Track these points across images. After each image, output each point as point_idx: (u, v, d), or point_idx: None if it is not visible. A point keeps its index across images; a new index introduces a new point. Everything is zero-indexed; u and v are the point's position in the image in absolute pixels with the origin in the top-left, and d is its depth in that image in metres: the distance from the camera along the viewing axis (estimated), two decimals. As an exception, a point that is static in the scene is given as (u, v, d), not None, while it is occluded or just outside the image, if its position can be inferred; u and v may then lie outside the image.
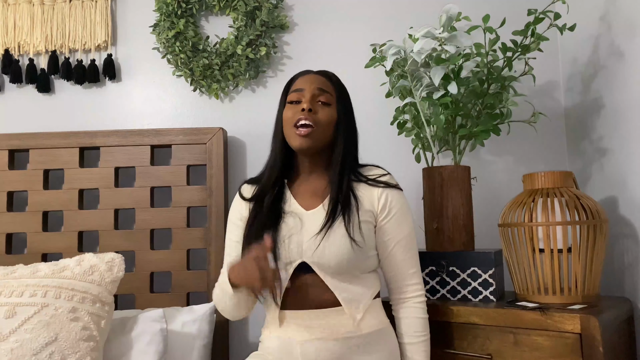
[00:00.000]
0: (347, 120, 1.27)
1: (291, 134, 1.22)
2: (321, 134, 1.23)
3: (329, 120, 1.23)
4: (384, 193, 1.24)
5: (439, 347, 1.34)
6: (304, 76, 1.28)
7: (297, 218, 1.22)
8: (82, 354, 1.29)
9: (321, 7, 1.95)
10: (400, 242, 1.24)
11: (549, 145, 1.82)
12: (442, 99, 1.42)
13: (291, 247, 1.19)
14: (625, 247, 1.47)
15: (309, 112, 1.21)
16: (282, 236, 1.20)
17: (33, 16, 1.96)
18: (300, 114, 1.21)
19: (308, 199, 1.26)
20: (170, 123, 1.95)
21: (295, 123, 1.21)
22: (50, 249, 1.79)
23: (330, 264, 1.17)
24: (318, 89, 1.24)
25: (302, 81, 1.27)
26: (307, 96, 1.23)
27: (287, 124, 1.24)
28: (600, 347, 1.13)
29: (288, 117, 1.23)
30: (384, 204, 1.24)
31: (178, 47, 1.88)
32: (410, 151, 1.72)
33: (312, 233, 1.19)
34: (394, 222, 1.24)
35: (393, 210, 1.24)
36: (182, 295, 1.76)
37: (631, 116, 1.42)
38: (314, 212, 1.23)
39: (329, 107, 1.25)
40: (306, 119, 1.20)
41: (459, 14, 1.42)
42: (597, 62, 1.60)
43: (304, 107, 1.21)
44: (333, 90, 1.27)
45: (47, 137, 1.83)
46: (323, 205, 1.23)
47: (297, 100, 1.24)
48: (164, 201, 1.86)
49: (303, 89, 1.24)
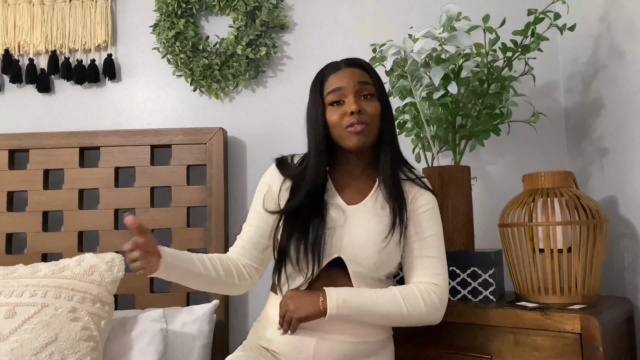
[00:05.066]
0: (388, 108, 1.23)
1: (344, 135, 1.18)
2: (374, 128, 1.19)
3: (376, 112, 1.19)
4: (424, 192, 1.24)
5: (439, 347, 1.34)
6: (339, 72, 1.20)
7: (340, 212, 1.20)
8: (82, 354, 1.29)
9: (321, 7, 1.95)
10: (432, 236, 1.21)
11: (549, 145, 1.82)
12: (442, 99, 1.42)
13: (333, 241, 1.17)
14: (625, 247, 1.47)
15: (359, 114, 1.16)
16: (326, 229, 1.17)
17: (33, 16, 1.96)
18: (350, 117, 1.16)
19: (351, 194, 1.23)
20: (170, 123, 1.95)
21: (347, 126, 1.17)
22: (50, 249, 1.79)
23: (368, 264, 1.16)
24: (359, 84, 1.18)
25: (338, 79, 1.19)
26: (351, 96, 1.17)
27: (335, 127, 1.18)
28: (600, 347, 1.13)
29: (335, 120, 1.18)
30: (419, 198, 1.22)
31: (178, 47, 1.88)
32: (410, 151, 1.72)
33: (355, 230, 1.18)
34: (428, 216, 1.22)
35: (429, 205, 1.22)
36: (182, 295, 1.76)
37: (631, 116, 1.42)
38: (357, 207, 1.21)
39: (372, 98, 1.20)
40: (358, 121, 1.16)
41: (459, 14, 1.42)
42: (597, 62, 1.60)
43: (352, 110, 1.15)
44: (371, 79, 1.21)
45: (47, 137, 1.83)
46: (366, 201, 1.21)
47: (339, 101, 1.19)
48: (164, 201, 1.86)
49: (342, 87, 1.18)
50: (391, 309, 1.14)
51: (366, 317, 1.14)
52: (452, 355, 1.33)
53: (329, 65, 1.25)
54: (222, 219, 1.77)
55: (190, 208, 1.81)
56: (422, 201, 1.22)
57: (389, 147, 1.21)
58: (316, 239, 1.16)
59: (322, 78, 1.23)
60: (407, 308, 1.14)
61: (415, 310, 1.15)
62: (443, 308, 1.18)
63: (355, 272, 1.17)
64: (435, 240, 1.21)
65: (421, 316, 1.16)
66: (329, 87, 1.20)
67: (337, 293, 1.13)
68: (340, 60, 1.24)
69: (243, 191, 1.91)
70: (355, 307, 1.12)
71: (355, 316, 1.13)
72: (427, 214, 1.22)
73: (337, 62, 1.24)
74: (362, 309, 1.12)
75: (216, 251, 1.74)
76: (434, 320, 1.18)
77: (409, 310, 1.14)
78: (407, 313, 1.14)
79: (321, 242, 1.16)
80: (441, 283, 1.19)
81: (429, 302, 1.16)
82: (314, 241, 1.15)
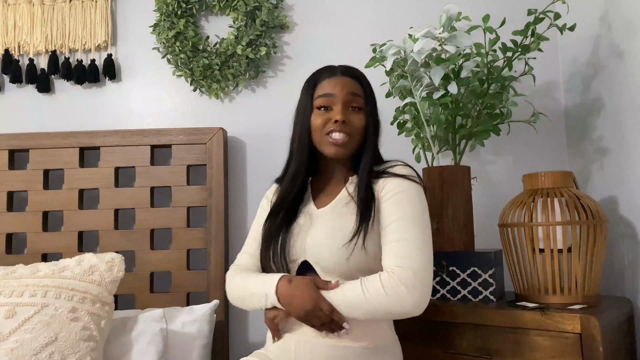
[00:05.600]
0: (375, 123, 1.22)
1: (324, 142, 1.18)
2: (355, 142, 1.20)
3: (362, 126, 1.19)
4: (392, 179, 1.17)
5: (439, 347, 1.34)
6: (333, 78, 1.20)
7: (307, 216, 1.21)
8: (82, 354, 1.29)
9: (321, 7, 1.95)
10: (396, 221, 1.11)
11: (549, 145, 1.82)
12: (442, 99, 1.42)
13: (297, 245, 1.18)
14: (625, 247, 1.47)
15: (343, 124, 1.16)
16: (292, 235, 1.20)
17: (33, 16, 1.96)
18: (334, 125, 1.16)
19: (323, 197, 1.24)
20: (170, 123, 1.95)
21: (328, 132, 1.17)
22: (50, 249, 1.79)
23: (329, 264, 1.13)
24: (350, 94, 1.19)
25: (332, 85, 1.19)
26: (339, 106, 1.17)
27: (317, 131, 1.19)
28: (600, 347, 1.13)
29: (318, 124, 1.18)
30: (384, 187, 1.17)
31: (178, 47, 1.88)
32: (410, 151, 1.72)
33: (317, 231, 1.17)
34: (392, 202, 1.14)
35: (394, 191, 1.15)
36: (182, 295, 1.76)
37: (631, 116, 1.42)
38: (324, 209, 1.21)
39: (360, 111, 1.20)
40: (341, 130, 1.16)
41: (459, 14, 1.41)
42: (597, 62, 1.60)
43: (337, 119, 1.15)
44: (363, 93, 1.21)
45: (47, 137, 1.83)
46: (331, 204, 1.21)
47: (327, 106, 1.19)
48: (164, 201, 1.86)
49: (333, 94, 1.18)
50: (350, 296, 1.06)
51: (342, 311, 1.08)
52: (452, 355, 1.33)
53: (325, 69, 1.24)
54: (222, 219, 1.77)
55: (190, 208, 1.81)
56: (387, 188, 1.16)
57: (370, 158, 1.21)
58: (281, 245, 1.18)
59: (315, 80, 1.23)
60: (366, 294, 1.05)
61: (376, 297, 1.04)
62: (415, 292, 1.04)
63: (324, 272, 1.14)
64: (403, 223, 1.10)
65: (385, 303, 1.04)
66: (320, 90, 1.20)
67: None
68: (337, 66, 1.24)
69: (243, 191, 1.91)
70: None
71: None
72: (393, 199, 1.14)
73: (334, 67, 1.24)
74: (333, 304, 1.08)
75: (216, 251, 1.75)
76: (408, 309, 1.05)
77: (368, 297, 1.05)
78: (367, 299, 1.05)
79: (285, 248, 1.18)
80: (406, 265, 1.05)
81: (388, 287, 1.04)
82: (280, 247, 1.18)
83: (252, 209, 1.89)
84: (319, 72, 1.25)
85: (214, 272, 1.74)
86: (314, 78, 1.24)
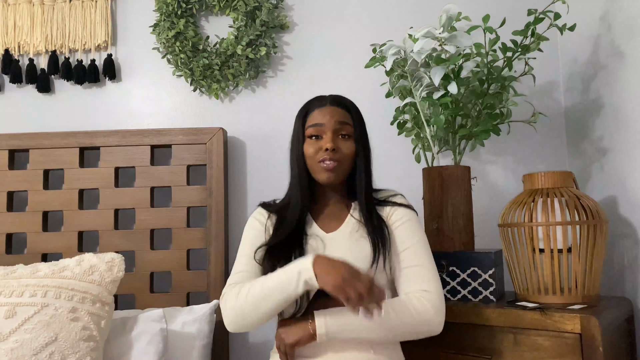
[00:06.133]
0: (365, 148, 1.27)
1: (317, 169, 1.23)
2: (345, 167, 1.25)
3: (350, 153, 1.24)
4: (393, 207, 1.27)
5: (439, 347, 1.34)
6: (322, 109, 1.25)
7: (319, 240, 1.23)
8: (82, 354, 1.29)
9: (321, 7, 1.95)
10: (410, 248, 1.21)
11: (549, 145, 1.82)
12: (442, 99, 1.42)
13: None
14: (625, 247, 1.47)
15: (333, 152, 1.21)
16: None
17: (33, 16, 1.96)
18: (325, 153, 1.21)
19: (327, 222, 1.27)
20: (170, 123, 1.95)
21: (320, 160, 1.22)
22: (50, 249, 1.79)
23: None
24: (339, 123, 1.24)
25: (321, 115, 1.24)
26: (329, 134, 1.22)
27: (310, 158, 1.24)
28: (600, 347, 1.13)
29: (310, 154, 1.24)
30: (392, 214, 1.26)
31: (178, 47, 1.88)
32: (410, 151, 1.72)
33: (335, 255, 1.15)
34: (403, 230, 1.23)
35: (403, 219, 1.25)
36: (182, 295, 1.76)
37: (631, 116, 1.42)
38: (334, 234, 1.25)
39: (349, 139, 1.25)
40: (331, 159, 1.21)
41: (459, 14, 1.42)
42: (597, 62, 1.60)
43: (327, 147, 1.20)
44: (351, 121, 1.26)
45: (47, 137, 1.83)
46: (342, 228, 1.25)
47: (317, 135, 1.24)
48: (164, 201, 1.86)
49: (323, 124, 1.23)
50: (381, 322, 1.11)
51: (357, 333, 1.12)
52: (452, 355, 1.33)
53: (316, 99, 1.30)
54: (222, 219, 1.77)
55: (190, 208, 1.81)
56: (395, 217, 1.25)
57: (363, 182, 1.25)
58: None
59: (307, 110, 1.28)
60: (396, 316, 1.12)
61: (406, 318, 1.12)
62: (440, 314, 1.14)
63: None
64: (418, 250, 1.21)
65: (414, 324, 1.13)
66: (311, 120, 1.26)
67: (325, 313, 1.13)
68: (327, 96, 1.29)
69: (243, 191, 1.91)
70: (343, 323, 1.11)
71: (346, 333, 1.12)
72: (403, 227, 1.24)
73: (324, 97, 1.29)
74: (352, 325, 1.11)
75: (216, 251, 1.75)
76: (432, 328, 1.15)
77: (399, 317, 1.12)
78: (397, 322, 1.12)
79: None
80: (432, 289, 1.16)
81: (420, 309, 1.13)
82: None
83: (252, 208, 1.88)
84: (310, 102, 1.30)
85: (214, 272, 1.74)
86: (305, 108, 1.29)
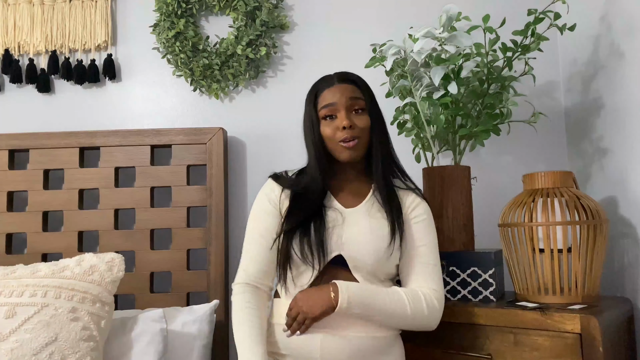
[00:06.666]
0: (379, 120, 1.29)
1: (337, 149, 1.24)
2: (364, 142, 1.26)
3: (367, 125, 1.26)
4: (417, 199, 1.29)
5: (439, 347, 1.34)
6: (331, 88, 1.26)
7: (338, 213, 1.25)
8: (82, 354, 1.29)
9: (321, 7, 1.95)
10: (427, 245, 1.25)
11: (549, 145, 1.82)
12: (442, 99, 1.42)
13: (333, 239, 1.21)
14: (625, 247, 1.47)
15: (350, 129, 1.22)
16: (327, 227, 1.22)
17: (33, 16, 1.96)
18: (342, 132, 1.22)
19: (347, 197, 1.29)
20: (170, 123, 1.95)
21: (341, 140, 1.23)
22: (50, 249, 1.79)
23: (367, 262, 1.20)
24: (350, 99, 1.25)
25: (331, 94, 1.25)
26: (343, 112, 1.23)
27: (329, 140, 1.25)
28: (600, 347, 1.13)
29: (329, 134, 1.24)
30: (415, 208, 1.28)
31: (178, 47, 1.88)
32: (410, 151, 1.72)
33: (353, 229, 1.22)
34: (422, 226, 1.27)
35: (424, 215, 1.28)
36: (182, 295, 1.76)
37: (631, 116, 1.42)
38: (354, 209, 1.26)
39: (363, 112, 1.26)
40: (351, 136, 1.22)
41: (459, 14, 1.41)
42: (597, 62, 1.60)
43: (344, 125, 1.21)
44: (362, 95, 1.27)
45: (47, 137, 1.83)
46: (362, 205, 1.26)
47: (332, 115, 1.25)
48: (164, 201, 1.86)
49: (335, 103, 1.24)
50: (396, 309, 1.17)
51: (373, 313, 1.16)
52: (452, 355, 1.33)
53: (323, 80, 1.30)
54: (222, 219, 1.76)
55: (190, 208, 1.81)
56: (418, 210, 1.28)
57: (381, 157, 1.27)
58: (318, 237, 1.20)
59: (316, 92, 1.29)
60: (411, 309, 1.18)
61: (418, 313, 1.18)
62: (441, 313, 1.23)
63: (356, 268, 1.20)
64: (432, 249, 1.26)
65: (422, 319, 1.19)
66: (322, 101, 1.26)
67: (347, 286, 1.15)
68: (333, 75, 1.30)
69: (243, 191, 1.91)
70: (364, 302, 1.15)
71: (363, 311, 1.15)
72: (424, 224, 1.27)
73: (330, 77, 1.30)
74: (371, 304, 1.15)
75: (216, 251, 1.75)
76: (432, 325, 1.22)
77: (413, 311, 1.18)
78: (410, 314, 1.18)
79: (324, 239, 1.20)
80: (439, 289, 1.24)
81: (431, 306, 1.20)
82: (317, 239, 1.20)
83: (252, 209, 1.89)
84: (317, 83, 1.31)
85: (214, 272, 1.74)
86: (314, 90, 1.30)
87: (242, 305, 1.21)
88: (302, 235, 1.20)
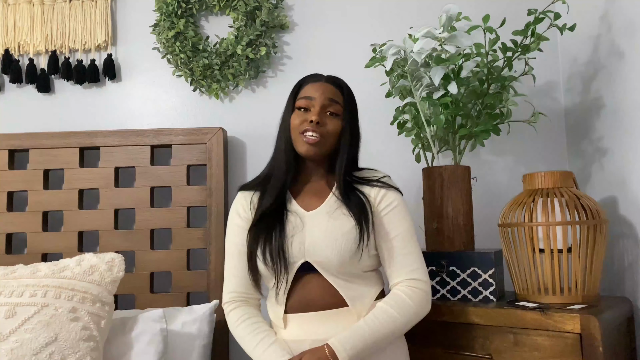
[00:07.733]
0: (351, 129, 1.28)
1: (298, 140, 1.24)
2: (327, 144, 1.25)
3: (335, 131, 1.25)
4: (382, 190, 1.26)
5: (439, 347, 1.34)
6: (316, 83, 1.27)
7: (298, 218, 1.23)
8: (82, 354, 1.29)
9: (321, 7, 1.95)
10: (400, 234, 1.23)
11: (549, 145, 1.82)
12: (442, 99, 1.42)
13: (294, 247, 1.20)
14: (625, 247, 1.47)
15: (317, 125, 1.22)
16: (286, 236, 1.21)
17: (33, 16, 1.96)
18: (308, 125, 1.22)
19: (307, 200, 1.27)
20: (170, 123, 1.95)
21: (303, 131, 1.23)
22: (50, 249, 1.79)
23: (334, 264, 1.18)
24: (329, 100, 1.25)
25: (313, 89, 1.26)
26: (317, 108, 1.24)
27: (294, 130, 1.25)
28: (600, 347, 1.13)
29: (295, 124, 1.25)
30: (381, 199, 1.25)
31: (178, 47, 1.88)
32: (410, 151, 1.72)
33: (314, 233, 1.20)
34: (393, 214, 1.24)
35: (393, 204, 1.25)
36: (182, 295, 1.76)
37: (631, 116, 1.42)
38: (314, 212, 1.24)
39: (337, 117, 1.26)
40: (314, 131, 1.22)
41: (459, 14, 1.42)
42: (597, 62, 1.60)
43: (312, 119, 1.22)
44: (342, 101, 1.27)
45: (47, 137, 1.83)
46: (322, 206, 1.25)
47: (306, 108, 1.25)
48: (164, 201, 1.86)
49: (313, 97, 1.25)
50: (389, 326, 1.15)
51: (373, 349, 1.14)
52: (452, 355, 1.33)
53: (312, 75, 1.32)
54: (222, 219, 1.76)
55: (190, 208, 1.81)
56: (386, 201, 1.25)
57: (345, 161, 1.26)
58: (279, 247, 1.19)
59: (301, 83, 1.30)
60: (401, 316, 1.16)
61: (407, 313, 1.17)
62: (429, 299, 1.21)
63: (327, 271, 1.20)
64: (407, 236, 1.23)
65: (411, 315, 1.18)
66: (302, 93, 1.27)
67: (342, 344, 1.11)
68: (323, 74, 1.31)
69: (243, 191, 1.91)
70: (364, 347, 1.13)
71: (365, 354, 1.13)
72: (394, 212, 1.24)
73: (320, 75, 1.31)
74: (369, 344, 1.13)
75: (216, 251, 1.74)
76: (425, 312, 1.21)
77: (403, 317, 1.16)
78: (403, 321, 1.17)
79: (284, 249, 1.19)
80: (421, 277, 1.21)
81: (416, 299, 1.18)
82: (277, 248, 1.19)
83: (252, 209, 1.89)
84: (306, 77, 1.32)
85: (214, 272, 1.74)
86: (300, 82, 1.31)
87: (237, 321, 1.23)
88: (264, 248, 1.20)
